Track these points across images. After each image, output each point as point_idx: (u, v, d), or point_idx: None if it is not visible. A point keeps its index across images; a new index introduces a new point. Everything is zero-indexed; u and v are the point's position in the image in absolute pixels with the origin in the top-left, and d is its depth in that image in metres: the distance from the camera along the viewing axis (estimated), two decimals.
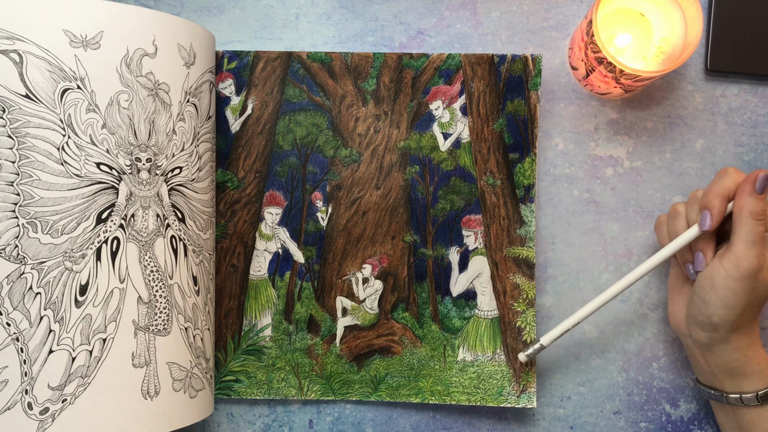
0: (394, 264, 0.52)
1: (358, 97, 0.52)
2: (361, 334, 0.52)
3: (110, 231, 0.43)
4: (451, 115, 0.52)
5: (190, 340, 0.46)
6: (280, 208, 0.52)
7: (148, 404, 0.43)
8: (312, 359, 0.52)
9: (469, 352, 0.51)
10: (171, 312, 0.45)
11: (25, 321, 0.40)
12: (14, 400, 0.40)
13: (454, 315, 0.52)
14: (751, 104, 0.53)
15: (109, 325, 0.42)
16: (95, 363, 0.42)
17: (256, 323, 0.52)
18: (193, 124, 0.47)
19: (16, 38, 0.40)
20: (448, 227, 0.52)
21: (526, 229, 0.51)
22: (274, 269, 0.52)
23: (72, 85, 0.42)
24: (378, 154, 0.52)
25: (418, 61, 0.52)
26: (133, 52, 0.44)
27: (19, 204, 0.41)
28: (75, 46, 0.42)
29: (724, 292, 0.43)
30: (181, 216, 0.46)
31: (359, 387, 0.51)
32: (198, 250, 0.47)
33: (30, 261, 0.41)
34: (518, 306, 0.51)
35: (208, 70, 0.49)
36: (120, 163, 0.43)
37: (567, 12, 0.54)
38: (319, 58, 0.52)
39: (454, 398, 0.51)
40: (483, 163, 0.52)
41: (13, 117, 0.40)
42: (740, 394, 0.45)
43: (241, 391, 0.51)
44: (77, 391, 0.41)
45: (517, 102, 0.52)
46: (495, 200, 0.52)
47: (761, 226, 0.42)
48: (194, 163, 0.47)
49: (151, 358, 0.43)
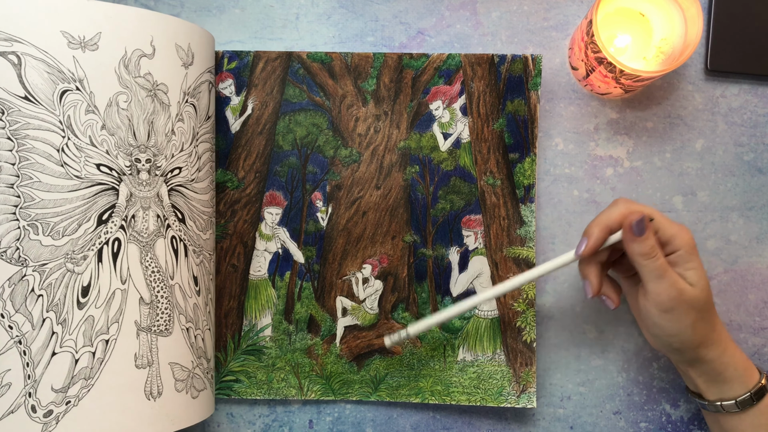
0: (394, 264, 0.52)
1: (358, 97, 0.52)
2: (361, 334, 0.52)
3: (111, 232, 0.43)
4: (451, 115, 0.52)
5: (191, 341, 0.46)
6: (280, 208, 0.52)
7: (152, 405, 0.43)
8: (312, 359, 0.52)
9: (469, 352, 0.51)
10: (172, 312, 0.45)
11: (27, 323, 0.40)
12: (18, 403, 0.40)
13: None
14: (751, 104, 0.54)
15: (111, 327, 0.42)
16: (98, 364, 0.42)
17: (256, 323, 0.52)
18: (192, 124, 0.47)
19: (14, 40, 0.40)
20: (448, 227, 0.52)
21: (526, 229, 0.52)
22: (274, 269, 0.52)
23: (71, 87, 0.41)
24: (378, 154, 0.52)
25: (418, 61, 0.52)
26: (131, 53, 0.43)
27: (20, 206, 0.41)
28: (73, 48, 0.41)
29: (667, 324, 0.43)
30: (181, 216, 0.46)
31: (359, 387, 0.52)
32: (198, 251, 0.47)
33: (31, 263, 0.41)
34: (518, 306, 0.51)
35: (207, 70, 0.49)
36: (120, 164, 0.43)
37: (567, 12, 0.54)
38: (319, 58, 0.52)
39: (454, 398, 0.51)
40: (483, 163, 0.52)
41: (12, 119, 0.40)
42: (720, 402, 0.45)
43: (241, 391, 0.52)
44: (81, 393, 0.41)
45: (517, 102, 0.52)
46: (495, 200, 0.52)
47: (657, 261, 0.42)
48: (193, 163, 0.47)
49: (154, 359, 0.44)
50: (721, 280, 0.53)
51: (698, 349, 0.44)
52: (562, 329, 0.53)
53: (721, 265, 0.53)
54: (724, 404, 0.45)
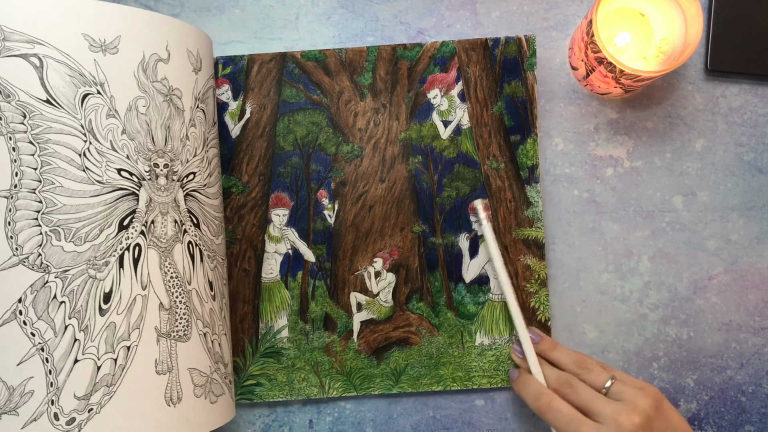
0: (404, 255, 0.52)
1: (355, 92, 0.53)
2: (378, 327, 0.52)
3: (132, 238, 0.42)
4: (450, 102, 0.52)
5: (209, 346, 0.46)
6: (287, 209, 0.52)
7: (172, 411, 0.43)
8: (331, 357, 0.52)
9: (487, 336, 0.52)
10: (190, 318, 0.45)
11: (49, 330, 0.40)
12: (40, 411, 0.39)
13: (469, 301, 0.52)
14: (751, 104, 0.53)
15: (132, 333, 0.42)
16: (120, 371, 0.41)
17: (273, 325, 0.52)
18: (203, 129, 0.47)
19: (36, 42, 0.39)
20: (455, 214, 0.52)
21: (534, 210, 0.52)
22: (286, 270, 0.52)
23: (92, 90, 0.41)
24: (380, 147, 0.53)
25: (412, 51, 0.52)
26: (148, 57, 0.43)
27: (42, 212, 0.40)
28: (94, 51, 0.41)
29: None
30: (196, 221, 0.46)
31: (380, 381, 0.52)
32: (212, 256, 0.47)
33: (54, 269, 0.40)
34: (531, 287, 0.52)
35: (211, 75, 0.49)
36: (140, 169, 0.43)
37: (567, 12, 0.54)
38: (313, 56, 0.52)
39: (475, 383, 0.51)
40: (485, 148, 0.52)
41: (34, 123, 0.40)
42: None
43: (263, 394, 0.51)
44: (103, 400, 0.40)
45: (514, 84, 0.52)
46: (500, 183, 0.52)
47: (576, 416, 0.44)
48: (205, 168, 0.47)
49: (173, 365, 0.43)
50: (721, 280, 0.53)
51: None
52: (562, 329, 0.53)
53: (721, 265, 0.53)
54: None
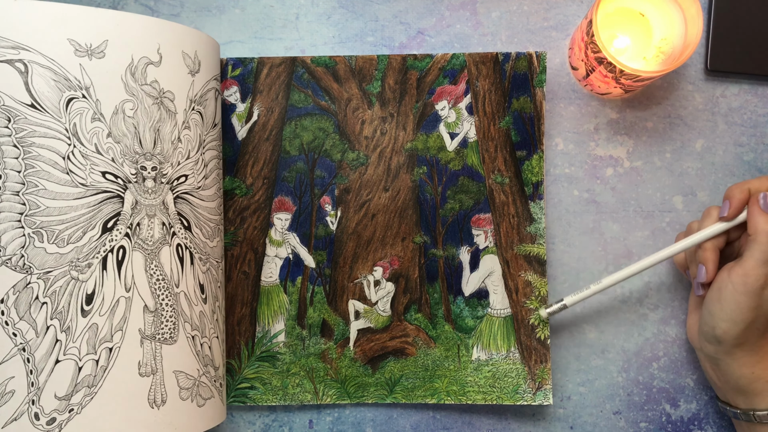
0: (405, 265, 0.52)
1: (363, 99, 0.52)
2: (375, 336, 0.52)
3: (116, 240, 0.43)
4: (457, 114, 0.52)
5: (197, 349, 0.45)
6: (290, 213, 0.52)
7: (155, 413, 0.43)
8: (326, 363, 0.51)
9: (484, 351, 0.51)
10: (177, 320, 0.44)
11: (31, 331, 0.40)
12: (21, 410, 0.40)
13: (467, 314, 0.51)
14: (751, 104, 0.53)
15: (115, 335, 0.42)
16: (102, 372, 0.41)
17: (269, 329, 0.52)
18: (199, 131, 0.47)
19: (21, 48, 0.40)
20: (457, 227, 0.52)
21: (536, 226, 0.51)
22: (286, 275, 0.52)
23: (77, 94, 0.42)
24: (385, 156, 0.52)
25: (422, 62, 0.52)
26: (137, 60, 0.44)
27: (25, 214, 0.41)
28: (80, 55, 0.42)
29: (729, 306, 0.43)
30: (186, 224, 0.46)
31: (375, 390, 0.51)
32: (205, 258, 0.47)
33: (36, 271, 0.41)
34: (531, 303, 0.51)
35: (213, 77, 0.49)
36: (125, 172, 0.43)
37: (567, 12, 0.54)
38: (323, 62, 0.52)
39: (469, 398, 0.50)
40: (491, 162, 0.52)
41: (18, 126, 0.41)
42: (753, 411, 0.45)
43: (257, 398, 0.51)
44: (84, 400, 0.41)
45: (522, 99, 0.52)
46: (504, 198, 0.52)
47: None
48: (200, 170, 0.47)
49: (158, 367, 0.43)
50: None
51: (737, 347, 0.44)
52: (562, 329, 0.53)
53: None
54: (756, 414, 0.44)
